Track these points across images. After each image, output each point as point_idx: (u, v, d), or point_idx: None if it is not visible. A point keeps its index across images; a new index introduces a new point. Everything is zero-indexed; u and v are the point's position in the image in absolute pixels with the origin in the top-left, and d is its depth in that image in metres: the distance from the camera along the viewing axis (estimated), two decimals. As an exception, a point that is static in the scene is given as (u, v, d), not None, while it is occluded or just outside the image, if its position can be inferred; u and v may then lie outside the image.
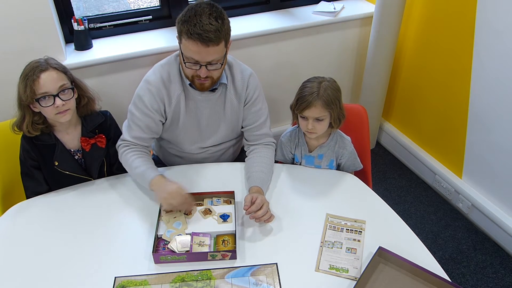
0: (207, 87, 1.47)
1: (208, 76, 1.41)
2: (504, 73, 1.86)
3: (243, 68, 1.59)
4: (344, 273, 1.21)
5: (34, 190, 1.51)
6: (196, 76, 1.42)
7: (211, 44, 1.32)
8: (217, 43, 1.33)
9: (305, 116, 1.48)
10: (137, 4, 5.52)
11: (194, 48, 1.33)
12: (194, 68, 1.39)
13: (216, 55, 1.36)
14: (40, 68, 1.34)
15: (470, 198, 2.19)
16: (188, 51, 1.35)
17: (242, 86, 1.56)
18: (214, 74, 1.43)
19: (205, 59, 1.36)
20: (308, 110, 1.46)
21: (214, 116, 1.58)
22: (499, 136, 1.97)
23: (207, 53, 1.34)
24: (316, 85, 1.46)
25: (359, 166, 1.64)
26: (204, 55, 1.34)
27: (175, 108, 1.52)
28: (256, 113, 1.60)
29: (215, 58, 1.36)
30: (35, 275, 1.21)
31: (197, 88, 1.48)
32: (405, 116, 2.61)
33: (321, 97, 1.44)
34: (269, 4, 2.37)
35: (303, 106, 1.46)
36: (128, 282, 1.18)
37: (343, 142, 1.59)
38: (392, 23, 2.25)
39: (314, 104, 1.44)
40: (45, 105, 1.36)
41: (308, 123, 1.48)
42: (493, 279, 1.96)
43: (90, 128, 1.51)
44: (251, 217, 1.31)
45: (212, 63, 1.37)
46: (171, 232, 1.31)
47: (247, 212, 1.30)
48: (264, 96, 1.63)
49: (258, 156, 1.55)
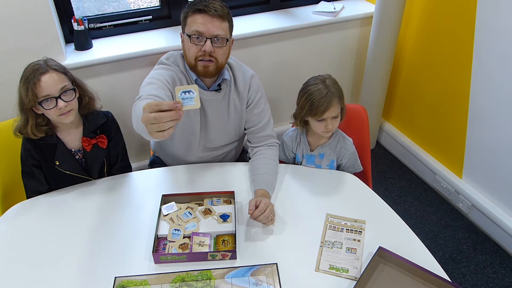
0: (211, 71, 1.45)
1: (212, 57, 1.41)
2: (504, 73, 1.86)
3: (245, 70, 1.59)
4: (344, 273, 1.21)
5: (34, 189, 1.51)
6: (200, 55, 1.41)
7: (216, 17, 1.37)
8: (221, 19, 1.38)
9: (324, 118, 1.48)
10: (137, 4, 5.52)
11: (200, 20, 1.37)
12: (199, 44, 1.40)
13: (221, 30, 1.39)
14: (40, 71, 1.34)
15: (470, 198, 2.19)
16: (194, 24, 1.39)
17: (244, 88, 1.56)
18: (218, 54, 1.42)
19: (210, 30, 1.38)
20: (328, 111, 1.47)
21: (219, 117, 1.58)
22: (499, 136, 1.97)
23: (212, 24, 1.38)
24: (323, 85, 1.48)
25: (359, 168, 1.64)
26: (209, 27, 1.38)
27: None
28: (259, 114, 1.60)
29: (219, 34, 1.39)
30: (35, 275, 1.21)
31: (201, 74, 1.46)
32: (405, 116, 2.61)
33: (334, 94, 1.47)
34: (269, 4, 2.37)
35: (321, 109, 1.46)
36: (128, 282, 1.18)
37: (345, 142, 1.59)
38: (392, 23, 2.25)
39: (332, 103, 1.46)
40: (47, 108, 1.36)
41: (327, 123, 1.49)
42: (493, 279, 1.96)
43: (91, 128, 1.52)
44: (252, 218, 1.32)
45: (218, 37, 1.40)
46: (176, 231, 1.31)
47: (251, 217, 1.31)
48: (266, 98, 1.63)
49: (263, 158, 1.55)
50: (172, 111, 0.97)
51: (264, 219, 1.31)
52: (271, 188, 1.47)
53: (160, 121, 0.97)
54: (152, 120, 0.97)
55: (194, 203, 1.43)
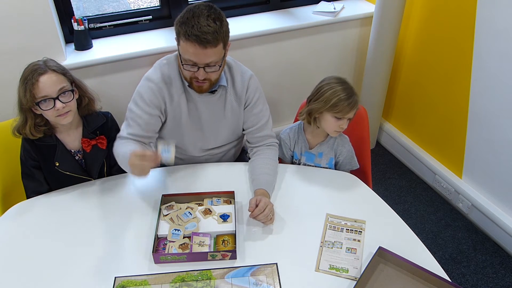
0: (205, 89, 1.46)
1: (206, 79, 1.41)
2: (504, 73, 1.86)
3: (243, 70, 1.58)
4: (344, 273, 1.21)
5: (34, 190, 1.51)
6: (194, 78, 1.42)
7: (209, 46, 1.31)
8: (215, 45, 1.32)
9: (343, 117, 1.49)
10: (137, 4, 5.52)
11: (192, 50, 1.32)
12: (192, 70, 1.39)
13: (214, 57, 1.35)
14: (38, 72, 1.34)
15: (470, 198, 2.19)
16: (186, 53, 1.34)
17: (242, 89, 1.55)
18: (212, 76, 1.42)
19: (203, 61, 1.35)
20: (351, 112, 1.49)
21: (214, 118, 1.58)
22: (499, 136, 1.97)
23: (205, 55, 1.33)
24: (348, 86, 1.50)
25: (355, 165, 1.65)
26: (202, 57, 1.34)
27: (176, 108, 1.52)
28: (257, 115, 1.59)
29: (213, 60, 1.36)
30: (35, 275, 1.21)
31: (196, 91, 1.48)
32: (405, 116, 2.61)
33: (357, 98, 1.50)
34: (269, 4, 2.37)
35: (348, 108, 1.47)
36: (128, 282, 1.18)
37: (342, 140, 1.60)
38: (392, 23, 2.25)
39: (357, 105, 1.49)
40: (45, 108, 1.36)
41: (343, 123, 1.50)
42: (493, 279, 1.96)
43: (91, 129, 1.51)
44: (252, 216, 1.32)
45: (210, 65, 1.37)
46: (176, 231, 1.31)
47: (251, 215, 1.32)
48: (265, 98, 1.63)
49: (262, 158, 1.55)
50: (152, 161, 1.24)
51: (264, 218, 1.32)
52: (270, 187, 1.47)
53: (142, 167, 1.25)
54: (136, 166, 1.25)
55: (194, 203, 1.43)
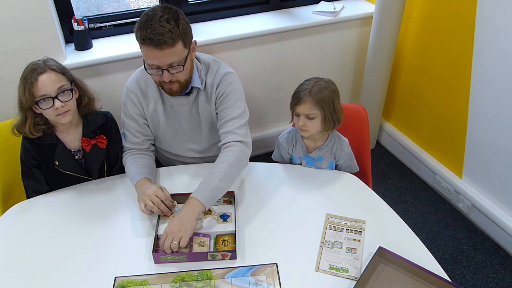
0: (176, 91, 1.43)
1: (174, 80, 1.38)
2: (504, 73, 1.86)
3: (219, 70, 1.52)
4: (344, 273, 1.21)
5: (34, 189, 1.51)
6: (162, 81, 1.39)
7: (165, 46, 1.28)
8: (172, 45, 1.29)
9: (297, 113, 1.50)
10: (137, 4, 5.53)
11: (150, 53, 1.30)
12: (157, 74, 1.37)
13: (174, 57, 1.32)
14: (38, 71, 1.34)
15: (470, 198, 2.19)
16: (147, 57, 1.33)
17: (211, 88, 1.51)
18: (179, 77, 1.38)
19: (164, 62, 1.32)
20: (299, 106, 1.49)
21: (192, 120, 1.57)
22: (499, 136, 1.97)
23: (163, 56, 1.30)
24: (312, 83, 1.49)
25: (355, 168, 1.64)
26: (161, 59, 1.31)
27: (153, 112, 1.53)
28: (225, 110, 1.50)
29: (174, 60, 1.32)
30: (35, 275, 1.21)
31: (167, 93, 1.46)
32: (405, 116, 2.61)
33: (313, 94, 1.46)
34: (269, 4, 2.37)
35: (295, 102, 1.50)
36: (128, 282, 1.18)
37: (341, 143, 1.59)
38: (392, 23, 2.25)
39: (304, 100, 1.47)
40: (44, 107, 1.36)
41: (299, 119, 1.50)
42: (493, 279, 1.96)
43: (91, 128, 1.51)
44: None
45: (173, 65, 1.33)
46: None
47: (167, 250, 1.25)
48: (241, 97, 1.54)
49: (213, 165, 1.42)
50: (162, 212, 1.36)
51: (169, 249, 1.23)
52: (201, 193, 1.33)
53: (150, 207, 1.34)
54: (150, 205, 1.34)
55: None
